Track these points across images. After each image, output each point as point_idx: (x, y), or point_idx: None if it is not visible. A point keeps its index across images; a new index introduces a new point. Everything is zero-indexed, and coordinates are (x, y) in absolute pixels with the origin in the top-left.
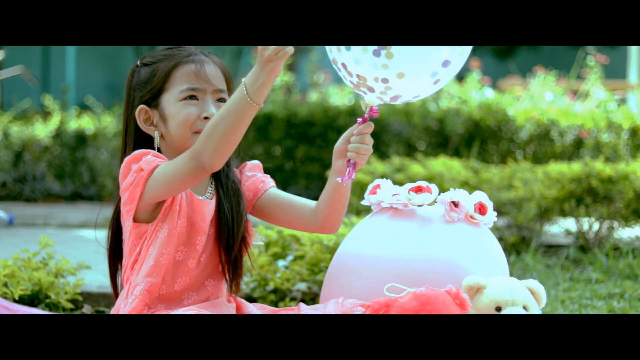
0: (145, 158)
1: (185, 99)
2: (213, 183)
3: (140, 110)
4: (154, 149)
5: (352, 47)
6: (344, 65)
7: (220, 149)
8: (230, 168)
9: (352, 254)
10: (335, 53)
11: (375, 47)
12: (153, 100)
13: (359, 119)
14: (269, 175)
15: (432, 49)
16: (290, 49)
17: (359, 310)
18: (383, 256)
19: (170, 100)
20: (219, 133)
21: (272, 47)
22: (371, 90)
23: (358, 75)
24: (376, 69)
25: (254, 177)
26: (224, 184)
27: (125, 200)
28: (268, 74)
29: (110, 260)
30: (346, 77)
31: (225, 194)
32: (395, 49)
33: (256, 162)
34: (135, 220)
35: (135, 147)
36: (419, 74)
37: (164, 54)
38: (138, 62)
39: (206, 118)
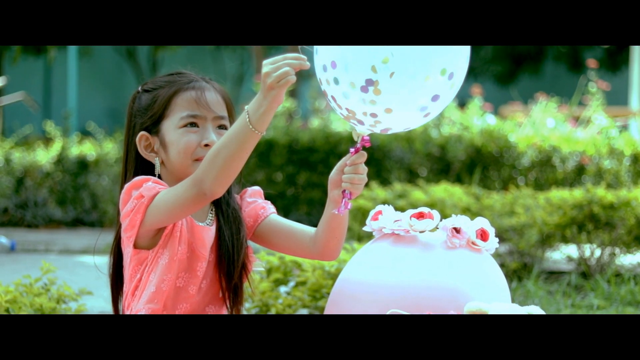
0: (146, 185)
1: (185, 125)
2: (213, 210)
3: (141, 136)
4: (154, 175)
5: (341, 81)
6: (333, 97)
7: (221, 177)
8: (231, 195)
9: (353, 280)
10: (325, 85)
11: (363, 82)
12: (154, 126)
13: (352, 149)
14: (269, 202)
15: (421, 84)
16: (292, 77)
17: None
18: (385, 282)
19: (171, 127)
20: (220, 160)
21: (275, 74)
22: (361, 122)
23: (347, 109)
24: (364, 104)
25: (255, 203)
26: (225, 210)
27: (126, 227)
28: (270, 102)
29: (112, 286)
30: (336, 108)
31: (225, 221)
32: (383, 85)
33: (257, 188)
34: (135, 246)
35: (136, 174)
36: (408, 109)
37: (165, 80)
38: (139, 89)
39: (206, 145)
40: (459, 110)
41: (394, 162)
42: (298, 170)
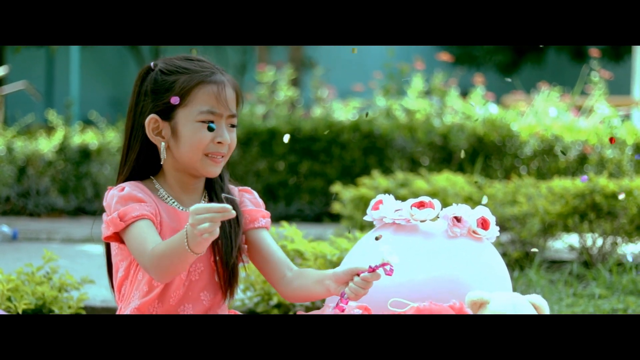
0: (132, 206)
1: (203, 121)
2: (206, 195)
3: (151, 119)
4: (159, 159)
5: None
6: None
7: (166, 276)
8: (224, 181)
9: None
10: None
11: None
12: (167, 112)
13: (371, 266)
14: (269, 214)
15: None
16: (215, 233)
17: (357, 312)
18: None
19: (188, 118)
20: (163, 266)
21: (199, 227)
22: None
23: None
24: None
25: (257, 209)
26: (220, 198)
27: (105, 234)
28: (201, 242)
29: (109, 272)
30: None
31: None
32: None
33: (260, 201)
34: (121, 241)
35: (139, 157)
36: None
37: (184, 67)
38: (152, 65)
39: (219, 143)
40: (462, 100)
41: (396, 151)
42: (300, 159)
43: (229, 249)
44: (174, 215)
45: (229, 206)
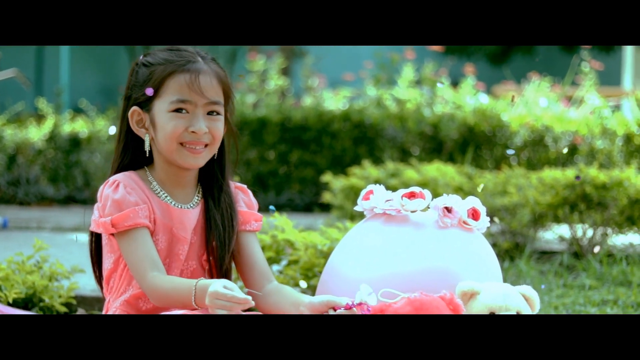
0: (125, 213)
1: (174, 110)
2: (200, 192)
3: (133, 111)
4: (145, 151)
5: None
6: None
7: (163, 305)
8: (225, 179)
9: (345, 260)
10: None
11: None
12: (145, 104)
13: (349, 303)
14: (262, 217)
15: None
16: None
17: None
18: (376, 262)
19: (161, 109)
20: (163, 300)
21: (215, 308)
22: None
23: None
24: None
25: (250, 211)
26: (216, 195)
27: (94, 228)
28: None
29: (94, 264)
30: None
31: (216, 205)
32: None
33: (254, 201)
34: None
35: (126, 148)
36: None
37: (163, 58)
38: (138, 60)
39: (193, 132)
40: (452, 89)
41: (386, 141)
42: (290, 148)
43: (222, 254)
44: (167, 212)
45: (250, 300)
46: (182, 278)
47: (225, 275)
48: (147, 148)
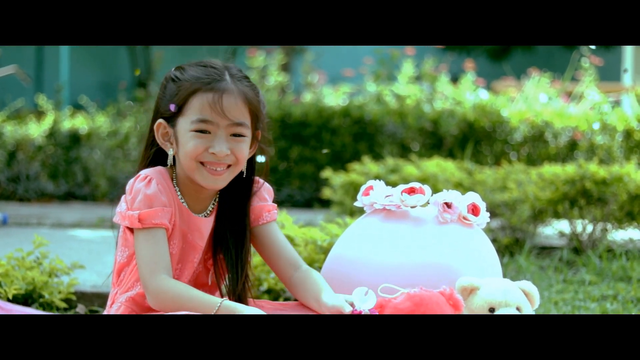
0: (155, 210)
1: (195, 130)
2: (216, 201)
3: (159, 124)
4: (167, 163)
5: None
6: None
7: (165, 309)
8: (249, 200)
9: (344, 255)
10: None
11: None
12: (171, 119)
13: (355, 310)
14: (276, 206)
15: None
16: None
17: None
18: (376, 257)
19: (184, 127)
20: (170, 305)
21: None
22: None
23: None
24: None
25: (265, 202)
26: (230, 211)
27: (117, 220)
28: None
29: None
30: None
31: (229, 221)
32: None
33: (270, 187)
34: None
35: (150, 156)
36: None
37: (192, 75)
38: (169, 74)
39: (213, 154)
40: (452, 85)
41: (386, 137)
42: (290, 144)
43: (235, 282)
44: (187, 217)
45: None
46: (201, 292)
47: (241, 298)
48: (169, 162)
